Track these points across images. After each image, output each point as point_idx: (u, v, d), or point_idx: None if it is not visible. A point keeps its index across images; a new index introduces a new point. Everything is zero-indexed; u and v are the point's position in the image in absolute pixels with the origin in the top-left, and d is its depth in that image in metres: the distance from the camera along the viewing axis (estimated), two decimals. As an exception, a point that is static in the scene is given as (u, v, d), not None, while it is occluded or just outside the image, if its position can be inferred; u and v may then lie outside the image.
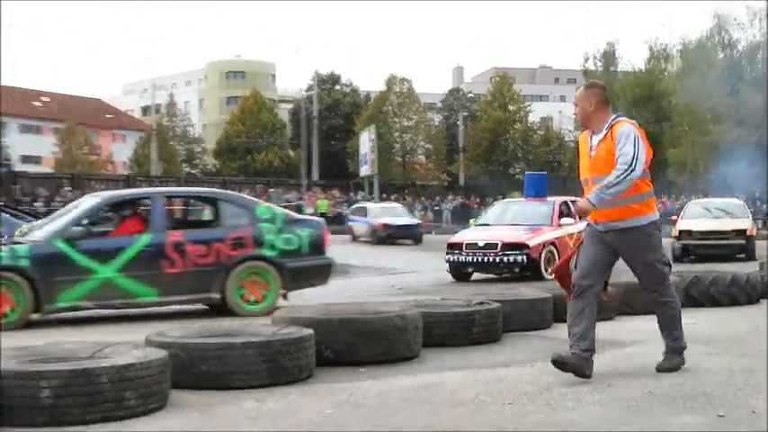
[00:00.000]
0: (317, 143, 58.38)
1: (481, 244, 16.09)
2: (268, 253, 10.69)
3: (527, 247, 15.69)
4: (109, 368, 4.78)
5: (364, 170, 52.28)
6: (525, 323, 8.50)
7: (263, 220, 10.84)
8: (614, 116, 5.96)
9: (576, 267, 6.03)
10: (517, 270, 15.91)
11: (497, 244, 15.91)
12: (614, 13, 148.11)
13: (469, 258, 16.13)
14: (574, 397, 5.34)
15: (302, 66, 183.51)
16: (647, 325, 8.86)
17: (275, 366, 5.74)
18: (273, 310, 10.17)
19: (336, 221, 43.43)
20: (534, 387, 5.67)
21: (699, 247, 20.81)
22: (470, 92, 74.37)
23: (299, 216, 11.80)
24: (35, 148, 64.81)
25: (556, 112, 69.53)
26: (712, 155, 42.79)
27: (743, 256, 19.91)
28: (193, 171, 66.71)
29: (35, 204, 38.60)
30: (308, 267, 11.01)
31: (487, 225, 17.75)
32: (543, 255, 15.80)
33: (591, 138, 6.03)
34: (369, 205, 35.63)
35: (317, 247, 11.20)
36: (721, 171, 41.63)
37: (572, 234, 14.68)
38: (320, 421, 4.79)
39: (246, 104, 66.00)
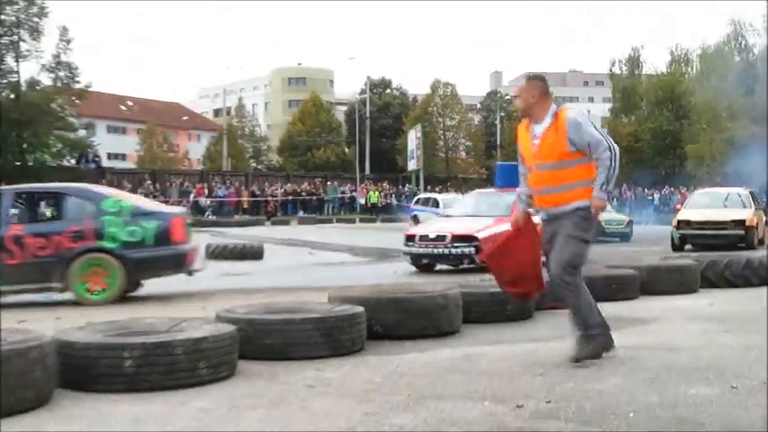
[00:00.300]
0: (369, 141, 58.44)
1: (432, 236, 14.40)
2: (109, 245, 10.15)
3: (476, 239, 13.79)
4: (184, 341, 4.83)
5: (411, 165, 52.29)
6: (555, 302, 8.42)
7: (107, 213, 10.32)
8: (557, 106, 5.60)
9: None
10: (467, 262, 14.09)
11: (446, 236, 14.16)
12: (639, 20, 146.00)
13: (422, 250, 14.45)
14: (599, 369, 5.29)
15: (357, 72, 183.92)
16: (667, 304, 8.81)
17: (331, 340, 5.76)
18: (117, 299, 10.07)
19: (385, 210, 43.58)
20: (563, 360, 5.62)
21: (696, 237, 19.09)
22: (507, 94, 73.80)
23: (150, 209, 11.13)
24: (120, 147, 65.82)
25: (585, 111, 68.80)
26: (728, 150, 42.06)
27: (743, 245, 17.96)
28: (259, 166, 67.15)
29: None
30: (152, 258, 10.39)
31: (451, 216, 16.26)
32: None
33: (533, 127, 5.63)
34: (440, 197, 34.08)
35: (164, 238, 10.45)
36: (736, 165, 40.90)
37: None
38: (371, 389, 4.80)
39: (306, 107, 66.27)
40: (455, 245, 13.95)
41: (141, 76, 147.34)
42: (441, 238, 14.17)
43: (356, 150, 57.41)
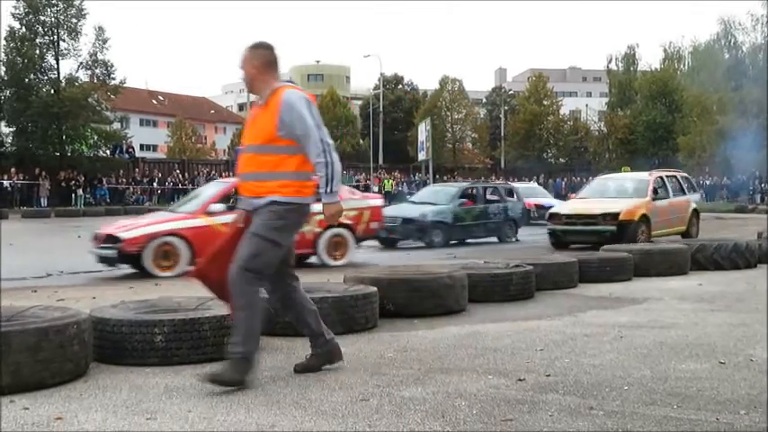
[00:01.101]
0: (382, 133, 58.28)
1: (96, 235, 11.59)
2: None
3: (119, 240, 10.96)
4: (211, 318, 4.85)
5: (421, 155, 52.07)
6: (555, 283, 8.41)
7: None
8: (281, 82, 4.42)
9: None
10: (113, 266, 11.43)
11: (98, 235, 11.44)
12: (634, 20, 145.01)
13: (94, 250, 11.50)
14: (595, 346, 5.28)
15: (371, 69, 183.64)
16: (659, 285, 8.77)
17: (346, 317, 5.76)
18: None
19: (398, 198, 43.50)
20: (561, 336, 5.62)
21: (567, 233, 15.16)
22: (511, 89, 73.59)
23: None
24: (152, 138, 66.01)
25: (583, 105, 68.46)
26: (717, 141, 41.80)
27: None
28: (280, 156, 67.11)
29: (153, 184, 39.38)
30: None
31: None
32: (151, 249, 10.87)
33: (257, 104, 4.49)
34: (516, 185, 29.42)
35: None
36: (725, 155, 40.68)
37: (224, 223, 9.58)
38: (383, 363, 4.80)
39: (324, 101, 66.02)
40: (105, 245, 11.21)
41: (171, 72, 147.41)
42: (96, 237, 11.55)
43: (370, 142, 57.40)
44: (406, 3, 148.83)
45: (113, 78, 38.80)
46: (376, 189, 45.86)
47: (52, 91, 36.55)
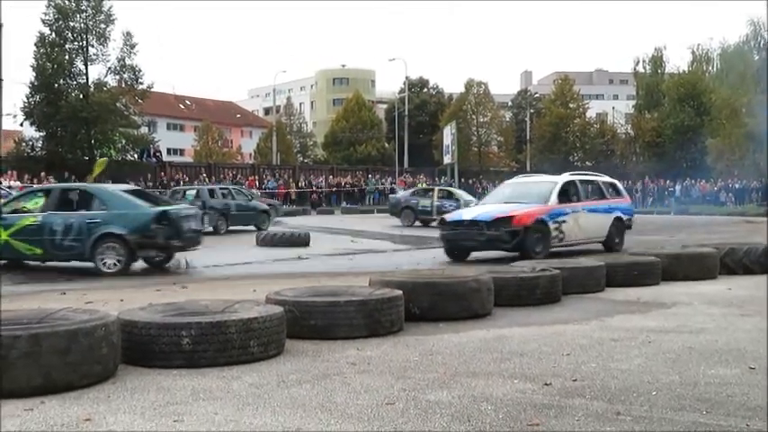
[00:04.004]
0: (407, 136, 58.29)
1: None
2: None
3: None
4: (237, 321, 4.87)
5: (447, 159, 52.02)
6: (581, 287, 8.35)
7: None
8: None
9: None
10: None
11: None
12: (662, 22, 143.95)
13: None
14: (623, 350, 5.23)
15: (397, 72, 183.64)
16: (688, 289, 8.68)
17: (372, 321, 5.77)
18: None
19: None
20: (588, 341, 5.57)
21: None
22: (536, 92, 73.31)
23: None
24: (179, 143, 66.50)
25: (609, 108, 67.99)
26: (746, 144, 41.30)
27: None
28: (306, 160, 67.39)
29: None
30: None
31: None
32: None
33: None
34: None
35: None
36: (755, 158, 40.18)
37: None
38: (409, 366, 4.80)
39: (349, 105, 66.27)
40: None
41: (197, 77, 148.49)
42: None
43: (395, 145, 57.40)
44: (432, 6, 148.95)
45: (141, 83, 39.11)
46: (401, 192, 45.80)
47: (81, 96, 36.93)
